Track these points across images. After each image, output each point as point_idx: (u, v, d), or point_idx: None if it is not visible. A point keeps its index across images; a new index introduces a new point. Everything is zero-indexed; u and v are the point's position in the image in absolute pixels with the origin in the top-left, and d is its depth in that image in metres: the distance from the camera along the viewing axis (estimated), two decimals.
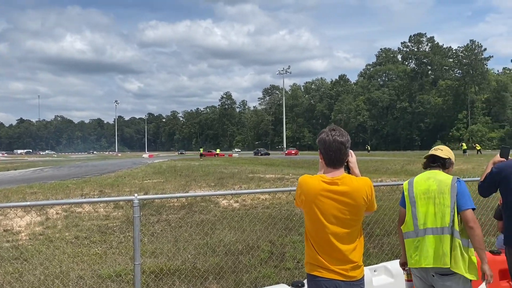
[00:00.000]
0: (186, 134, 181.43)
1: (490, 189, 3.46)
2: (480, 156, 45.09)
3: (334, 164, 2.58)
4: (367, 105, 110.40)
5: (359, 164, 8.13)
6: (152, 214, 10.19)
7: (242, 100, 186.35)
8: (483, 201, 8.34)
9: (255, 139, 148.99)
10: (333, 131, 2.59)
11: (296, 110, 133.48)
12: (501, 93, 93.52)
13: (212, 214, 10.01)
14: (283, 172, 23.89)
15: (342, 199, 2.52)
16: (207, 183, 17.85)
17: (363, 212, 2.59)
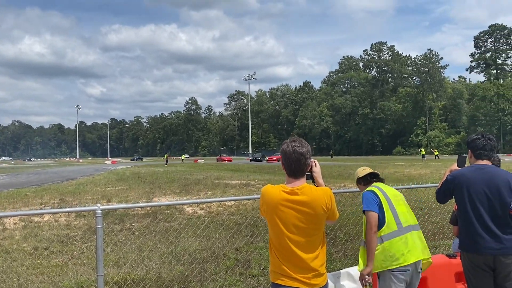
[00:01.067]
0: (150, 139, 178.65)
1: (446, 196, 3.62)
2: (437, 161, 46.78)
3: (294, 174, 2.64)
4: (331, 111, 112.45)
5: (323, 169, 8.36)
6: (115, 223, 9.97)
7: (207, 106, 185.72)
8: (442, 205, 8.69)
9: (221, 144, 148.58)
10: (293, 142, 2.64)
11: (262, 116, 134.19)
12: (457, 100, 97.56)
13: (177, 221, 9.91)
14: (249, 178, 23.94)
15: (301, 209, 2.57)
16: (171, 190, 17.65)
17: (324, 221, 2.64)
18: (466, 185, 3.40)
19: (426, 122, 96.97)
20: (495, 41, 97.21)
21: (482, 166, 3.45)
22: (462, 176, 3.46)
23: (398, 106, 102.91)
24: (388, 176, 24.45)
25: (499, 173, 3.41)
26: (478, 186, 3.36)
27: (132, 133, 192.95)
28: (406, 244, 3.31)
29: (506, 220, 3.29)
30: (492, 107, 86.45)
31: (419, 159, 53.15)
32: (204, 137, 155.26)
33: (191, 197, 14.74)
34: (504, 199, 3.28)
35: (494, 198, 3.31)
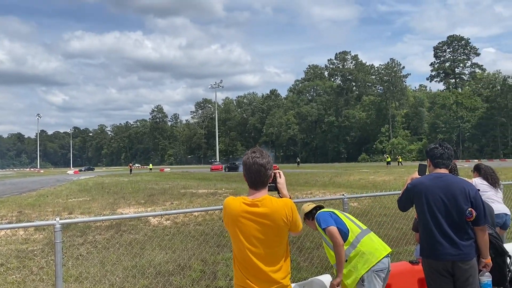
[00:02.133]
0: (114, 148, 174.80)
1: (406, 204, 3.71)
2: (401, 167, 48.04)
3: (255, 185, 2.62)
4: (297, 119, 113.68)
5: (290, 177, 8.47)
6: (77, 236, 9.64)
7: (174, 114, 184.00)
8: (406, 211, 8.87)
9: (188, 152, 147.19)
10: (253, 153, 2.63)
11: (229, 124, 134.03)
12: (418, 108, 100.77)
13: (142, 233, 9.69)
14: (216, 186, 23.77)
15: (262, 221, 2.54)
16: (136, 200, 17.27)
17: (286, 233, 2.61)
18: (425, 193, 3.49)
19: (389, 129, 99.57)
20: (453, 51, 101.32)
21: (440, 174, 3.55)
22: (420, 185, 3.55)
23: (363, 114, 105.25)
24: (353, 183, 24.90)
25: (456, 181, 3.52)
26: (436, 194, 3.45)
27: (96, 142, 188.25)
28: (373, 241, 3.57)
29: (463, 227, 3.39)
30: (452, 115, 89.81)
31: (384, 165, 54.44)
32: (170, 145, 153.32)
33: (157, 208, 14.47)
34: (460, 206, 3.38)
35: (451, 206, 3.40)
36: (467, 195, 3.39)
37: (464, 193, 3.40)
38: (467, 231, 3.40)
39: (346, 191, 18.55)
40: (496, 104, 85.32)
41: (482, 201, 3.44)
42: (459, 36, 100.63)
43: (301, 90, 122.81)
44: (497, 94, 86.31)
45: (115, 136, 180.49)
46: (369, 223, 9.52)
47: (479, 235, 3.41)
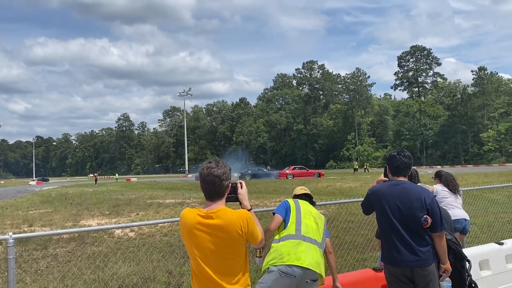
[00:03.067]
0: (79, 158, 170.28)
1: (369, 209, 3.79)
2: (367, 174, 48.96)
3: (210, 197, 2.58)
4: (267, 127, 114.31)
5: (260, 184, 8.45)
6: (36, 249, 9.27)
7: (141, 122, 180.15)
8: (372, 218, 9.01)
9: (156, 162, 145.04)
10: (209, 164, 2.60)
11: (198, 132, 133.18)
12: (383, 116, 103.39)
13: (106, 245, 9.42)
14: (184, 196, 23.46)
15: (216, 233, 2.50)
16: (101, 211, 16.81)
17: (242, 245, 2.57)
18: (382, 201, 3.56)
19: (355, 137, 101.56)
20: (416, 61, 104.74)
21: (398, 182, 3.60)
22: (378, 192, 3.62)
23: (330, 122, 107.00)
24: (321, 190, 25.13)
25: (413, 189, 3.58)
26: (392, 202, 3.51)
27: (60, 151, 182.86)
28: (297, 248, 3.42)
29: (421, 233, 3.45)
30: (415, 123, 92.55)
31: (351, 172, 55.33)
32: (137, 154, 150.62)
33: (122, 219, 14.12)
34: (416, 214, 3.43)
35: (407, 213, 3.46)
36: (423, 203, 3.44)
37: (420, 200, 3.45)
38: (425, 237, 3.45)
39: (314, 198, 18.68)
40: (457, 112, 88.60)
41: (439, 208, 3.51)
42: (421, 47, 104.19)
43: (270, 99, 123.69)
44: (457, 103, 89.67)
45: (80, 145, 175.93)
46: (336, 230, 9.61)
47: (437, 241, 3.47)
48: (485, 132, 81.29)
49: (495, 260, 5.75)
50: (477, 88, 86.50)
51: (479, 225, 10.14)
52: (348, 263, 7.21)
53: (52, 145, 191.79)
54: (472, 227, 8.77)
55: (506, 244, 6.05)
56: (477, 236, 8.86)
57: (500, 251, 5.90)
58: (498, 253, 5.86)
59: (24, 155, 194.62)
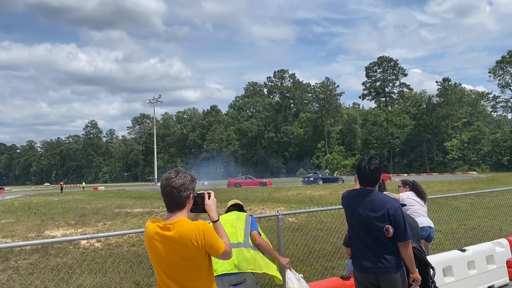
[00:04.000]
0: (44, 166, 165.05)
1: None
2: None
3: (170, 208, 2.56)
4: (238, 135, 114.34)
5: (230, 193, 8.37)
6: None
7: (109, 129, 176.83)
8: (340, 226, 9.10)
9: (124, 169, 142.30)
10: (169, 175, 2.57)
11: (168, 140, 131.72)
12: (352, 125, 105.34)
13: (70, 256, 9.14)
14: (153, 205, 23.08)
15: (173, 245, 2.48)
16: (66, 221, 16.32)
17: (201, 256, 2.53)
18: (350, 207, 3.65)
19: (325, 145, 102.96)
20: (383, 72, 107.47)
21: (364, 191, 3.64)
22: (346, 198, 3.73)
23: (300, 130, 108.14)
24: (291, 198, 25.29)
25: (378, 198, 3.59)
26: (357, 210, 3.58)
27: (24, 159, 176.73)
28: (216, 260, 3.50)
29: (385, 242, 3.50)
30: (383, 132, 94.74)
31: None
32: (105, 162, 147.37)
33: (88, 229, 13.75)
34: (377, 223, 3.48)
35: (369, 222, 3.52)
36: (386, 213, 3.47)
37: (382, 210, 3.48)
38: (389, 246, 3.50)
39: (284, 206, 18.77)
40: (423, 121, 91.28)
41: (404, 217, 3.54)
42: (388, 58, 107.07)
43: (241, 107, 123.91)
44: (423, 112, 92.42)
45: (45, 152, 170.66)
46: (305, 238, 9.68)
47: (402, 251, 3.52)
48: (449, 141, 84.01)
49: (458, 266, 5.92)
50: (441, 99, 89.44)
51: (444, 232, 10.43)
52: (317, 272, 7.26)
53: (15, 152, 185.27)
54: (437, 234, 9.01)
55: (469, 250, 6.25)
56: (441, 243, 9.11)
57: (463, 258, 6.09)
58: (461, 260, 6.04)
59: None
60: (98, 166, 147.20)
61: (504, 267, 6.62)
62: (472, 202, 14.71)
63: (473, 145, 79.74)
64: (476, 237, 9.69)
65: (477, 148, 79.32)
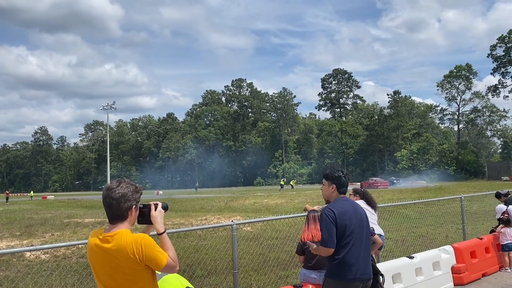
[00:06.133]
0: None
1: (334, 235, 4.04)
2: (293, 190, 50.14)
3: (110, 219, 2.50)
4: (195, 143, 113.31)
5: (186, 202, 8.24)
6: None
7: (60, 136, 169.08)
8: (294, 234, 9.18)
9: (75, 178, 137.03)
10: (110, 185, 2.51)
11: (122, 148, 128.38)
12: (308, 135, 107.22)
13: (14, 269, 8.65)
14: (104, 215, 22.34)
15: (111, 257, 2.41)
16: (10, 232, 15.48)
17: (140, 270, 2.44)
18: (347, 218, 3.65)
19: (282, 154, 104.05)
20: (338, 83, 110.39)
21: (346, 198, 3.83)
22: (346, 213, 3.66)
23: (258, 139, 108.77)
24: (248, 207, 25.31)
25: (357, 204, 3.89)
26: (352, 217, 3.65)
27: None
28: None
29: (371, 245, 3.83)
30: (337, 141, 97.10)
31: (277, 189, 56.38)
32: (55, 170, 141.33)
33: (34, 240, 13.10)
34: (368, 227, 3.78)
35: (365, 227, 3.73)
36: (365, 216, 3.79)
37: (364, 214, 3.79)
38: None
39: (240, 215, 18.74)
40: (375, 132, 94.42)
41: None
42: (343, 70, 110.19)
43: (198, 115, 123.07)
44: (375, 123, 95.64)
45: None
46: (261, 247, 9.69)
47: None
48: (399, 151, 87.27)
49: (406, 273, 6.11)
50: (392, 110, 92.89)
51: (394, 239, 10.75)
52: (271, 281, 7.27)
53: None
54: (387, 242, 9.29)
55: (416, 257, 6.48)
56: (391, 250, 9.38)
57: (411, 265, 6.30)
58: (409, 267, 6.25)
59: None
60: (48, 174, 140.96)
61: (449, 273, 6.91)
62: (421, 210, 15.30)
63: (422, 155, 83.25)
64: (424, 244, 10.07)
65: (425, 158, 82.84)
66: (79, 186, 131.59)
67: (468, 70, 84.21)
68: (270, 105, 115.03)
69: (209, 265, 8.11)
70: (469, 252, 7.33)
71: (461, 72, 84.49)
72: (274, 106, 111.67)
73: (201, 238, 11.24)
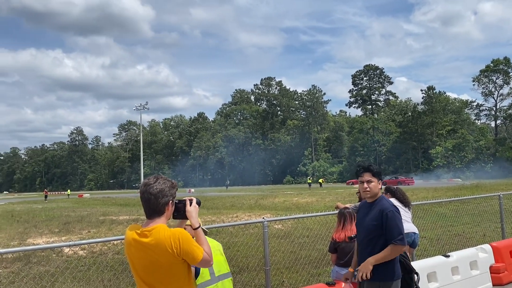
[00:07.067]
0: (28, 173, 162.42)
1: None
2: (323, 189, 49.79)
3: (148, 215, 2.55)
4: (225, 142, 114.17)
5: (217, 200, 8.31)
6: None
7: (95, 136, 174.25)
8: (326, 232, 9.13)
9: (110, 177, 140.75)
10: (148, 181, 2.56)
11: (155, 147, 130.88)
12: (338, 133, 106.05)
13: (54, 265, 8.98)
14: (139, 212, 22.86)
15: (149, 251, 2.46)
16: (49, 229, 16.07)
17: (178, 264, 2.50)
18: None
19: (312, 152, 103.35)
20: (369, 80, 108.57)
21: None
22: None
23: (287, 138, 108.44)
24: (278, 205, 25.29)
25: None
26: None
27: (8, 166, 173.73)
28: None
29: None
30: (369, 139, 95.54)
31: (307, 187, 56.12)
32: (91, 169, 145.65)
33: (72, 237, 13.56)
34: None
35: None
36: None
37: None
38: None
39: (270, 213, 18.76)
40: (408, 129, 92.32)
41: None
42: (374, 66, 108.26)
43: (228, 114, 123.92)
44: (408, 120, 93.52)
45: (29, 159, 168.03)
46: (292, 244, 9.68)
47: None
48: (434, 148, 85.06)
49: (442, 272, 5.97)
50: (426, 107, 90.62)
51: (429, 238, 10.51)
52: (302, 278, 7.25)
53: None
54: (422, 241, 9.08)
55: (452, 256, 6.31)
56: (426, 249, 9.18)
57: (447, 264, 6.14)
58: (445, 266, 6.09)
59: None
60: (84, 173, 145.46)
61: (487, 273, 6.70)
62: (457, 208, 14.89)
63: (458, 153, 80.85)
64: (460, 243, 9.80)
65: (461, 156, 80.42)
66: (113, 184, 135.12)
67: (506, 63, 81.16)
68: (299, 103, 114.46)
69: (241, 262, 8.16)
70: (509, 251, 7.08)
71: (499, 66, 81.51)
72: (303, 104, 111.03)
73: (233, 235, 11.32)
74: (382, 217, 3.59)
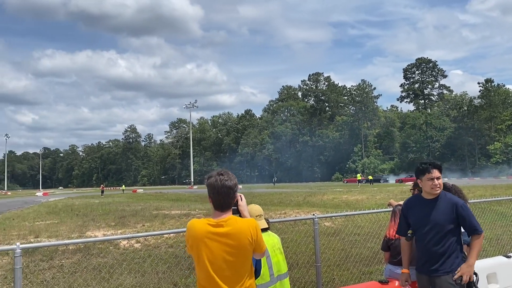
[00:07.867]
0: (86, 169, 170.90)
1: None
2: (373, 186, 48.66)
3: (221, 207, 2.65)
4: (272, 139, 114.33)
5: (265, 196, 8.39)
6: (42, 260, 9.29)
7: (147, 134, 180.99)
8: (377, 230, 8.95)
9: (162, 173, 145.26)
10: (221, 176, 2.65)
11: (204, 144, 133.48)
12: (390, 128, 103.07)
13: (111, 256, 9.42)
14: (189, 207, 23.45)
15: (227, 241, 2.57)
16: (106, 222, 16.84)
17: (251, 253, 2.65)
18: None
19: (362, 149, 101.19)
20: (422, 73, 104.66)
21: None
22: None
23: (336, 134, 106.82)
24: (327, 202, 25.04)
25: None
26: None
27: (67, 162, 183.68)
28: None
29: None
30: (422, 135, 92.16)
31: (356, 185, 55.10)
32: (144, 166, 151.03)
33: (127, 230, 14.14)
34: None
35: None
36: None
37: None
38: None
39: (319, 211, 18.62)
40: (464, 124, 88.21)
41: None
42: (427, 59, 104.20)
43: (275, 110, 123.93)
44: (464, 115, 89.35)
45: (86, 156, 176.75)
46: (342, 242, 9.57)
47: None
48: (492, 144, 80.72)
49: (503, 273, 5.69)
50: (483, 100, 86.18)
51: (487, 238, 10.02)
52: (354, 276, 7.16)
53: (59, 156, 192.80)
54: None
55: None
56: (485, 249, 8.76)
57: (508, 264, 5.84)
58: (506, 266, 5.80)
59: (32, 166, 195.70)
60: (137, 170, 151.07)
61: None
62: None
63: None
64: None
65: None
66: (165, 180, 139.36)
67: None
68: (348, 98, 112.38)
69: (291, 259, 8.16)
70: None
71: None
72: (353, 99, 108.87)
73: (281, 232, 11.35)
74: (457, 211, 3.64)
